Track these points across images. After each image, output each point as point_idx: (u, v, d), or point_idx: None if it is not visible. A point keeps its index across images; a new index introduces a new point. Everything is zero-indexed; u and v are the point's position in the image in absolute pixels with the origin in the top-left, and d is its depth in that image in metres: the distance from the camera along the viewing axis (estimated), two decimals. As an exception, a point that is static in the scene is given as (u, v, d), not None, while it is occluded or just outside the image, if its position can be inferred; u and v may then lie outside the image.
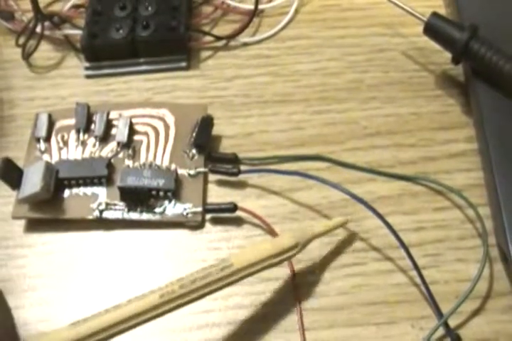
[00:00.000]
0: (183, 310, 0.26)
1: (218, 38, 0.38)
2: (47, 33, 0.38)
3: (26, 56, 0.38)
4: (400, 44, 0.38)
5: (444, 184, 0.32)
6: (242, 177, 0.33)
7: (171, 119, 0.34)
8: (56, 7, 0.39)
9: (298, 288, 0.30)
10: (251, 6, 0.38)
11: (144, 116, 0.35)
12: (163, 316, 0.26)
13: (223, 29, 0.39)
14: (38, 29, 0.38)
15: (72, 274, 0.31)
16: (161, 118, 0.35)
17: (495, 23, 0.35)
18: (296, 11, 0.39)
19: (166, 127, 0.34)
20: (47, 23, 0.38)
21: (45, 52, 0.38)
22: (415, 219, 0.32)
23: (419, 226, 0.31)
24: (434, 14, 0.35)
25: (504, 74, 0.33)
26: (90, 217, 0.32)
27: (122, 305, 0.25)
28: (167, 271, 0.31)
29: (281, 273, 0.30)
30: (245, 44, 0.38)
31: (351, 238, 0.31)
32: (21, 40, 0.38)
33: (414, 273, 0.29)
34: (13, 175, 0.31)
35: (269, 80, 0.37)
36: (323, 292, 0.30)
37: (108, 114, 0.34)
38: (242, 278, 0.27)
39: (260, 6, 0.39)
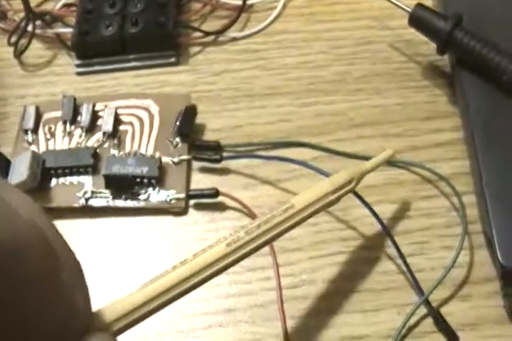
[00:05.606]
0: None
1: (207, 34, 0.38)
2: (38, 31, 0.39)
3: (18, 54, 0.38)
4: (386, 36, 0.38)
5: (435, 171, 0.32)
6: (228, 166, 0.33)
7: (155, 109, 0.35)
8: (47, 6, 0.40)
9: (284, 276, 0.30)
10: (239, 2, 0.39)
11: (128, 106, 0.35)
12: (233, 266, 0.24)
13: (212, 25, 0.39)
14: (30, 28, 0.38)
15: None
16: (146, 109, 0.35)
17: (479, 14, 0.35)
18: (284, 6, 0.40)
19: (151, 117, 0.35)
20: (38, 22, 0.38)
21: (36, 51, 0.39)
22: (402, 208, 0.32)
23: (405, 215, 0.32)
24: (419, 5, 0.35)
25: (487, 62, 0.33)
26: (76, 205, 0.32)
27: (189, 260, 0.24)
28: (153, 256, 0.31)
29: (267, 262, 0.30)
30: (234, 39, 0.39)
31: (339, 226, 0.32)
32: (13, 39, 0.38)
33: (400, 260, 0.30)
34: (0, 165, 0.32)
35: (258, 74, 0.37)
36: (310, 280, 0.30)
37: (94, 106, 0.35)
38: (304, 218, 0.26)
39: (248, 2, 0.39)
